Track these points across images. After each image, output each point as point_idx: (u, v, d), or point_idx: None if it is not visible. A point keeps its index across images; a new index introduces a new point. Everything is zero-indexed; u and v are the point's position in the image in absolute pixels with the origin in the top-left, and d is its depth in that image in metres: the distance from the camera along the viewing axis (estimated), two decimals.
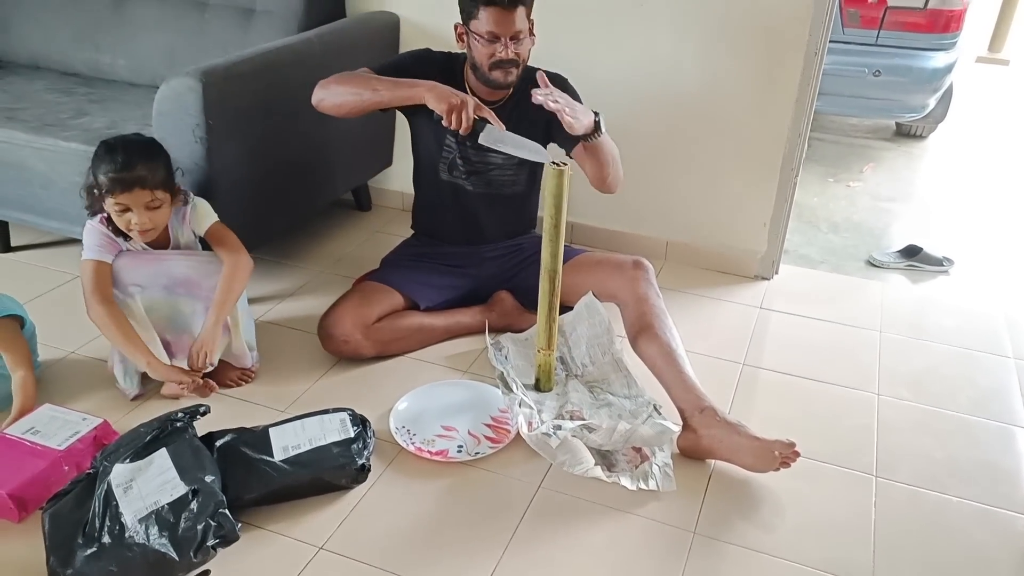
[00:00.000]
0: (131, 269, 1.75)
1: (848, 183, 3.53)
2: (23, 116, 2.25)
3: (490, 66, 1.83)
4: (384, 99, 1.81)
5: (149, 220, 1.70)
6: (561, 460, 1.62)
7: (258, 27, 2.43)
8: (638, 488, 1.59)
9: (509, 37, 1.78)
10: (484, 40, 1.79)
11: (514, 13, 1.77)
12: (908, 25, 3.52)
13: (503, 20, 1.77)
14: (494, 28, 1.77)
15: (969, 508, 1.62)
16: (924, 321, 2.29)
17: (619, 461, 1.67)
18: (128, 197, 1.67)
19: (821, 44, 2.13)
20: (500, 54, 1.80)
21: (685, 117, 2.36)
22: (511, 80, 1.86)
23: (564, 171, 1.61)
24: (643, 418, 1.70)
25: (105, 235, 1.75)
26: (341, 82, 1.84)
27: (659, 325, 1.82)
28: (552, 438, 1.59)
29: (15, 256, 2.46)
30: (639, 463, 1.65)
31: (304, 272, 2.41)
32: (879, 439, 1.80)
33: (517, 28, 1.78)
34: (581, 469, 1.60)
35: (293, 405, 1.83)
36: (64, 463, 1.57)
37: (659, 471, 1.62)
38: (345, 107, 1.85)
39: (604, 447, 1.66)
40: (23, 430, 1.62)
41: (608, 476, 1.60)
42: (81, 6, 2.67)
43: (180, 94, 1.88)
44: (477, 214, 2.08)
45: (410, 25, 2.53)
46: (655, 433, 1.64)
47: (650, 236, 2.54)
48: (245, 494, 1.51)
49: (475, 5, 1.77)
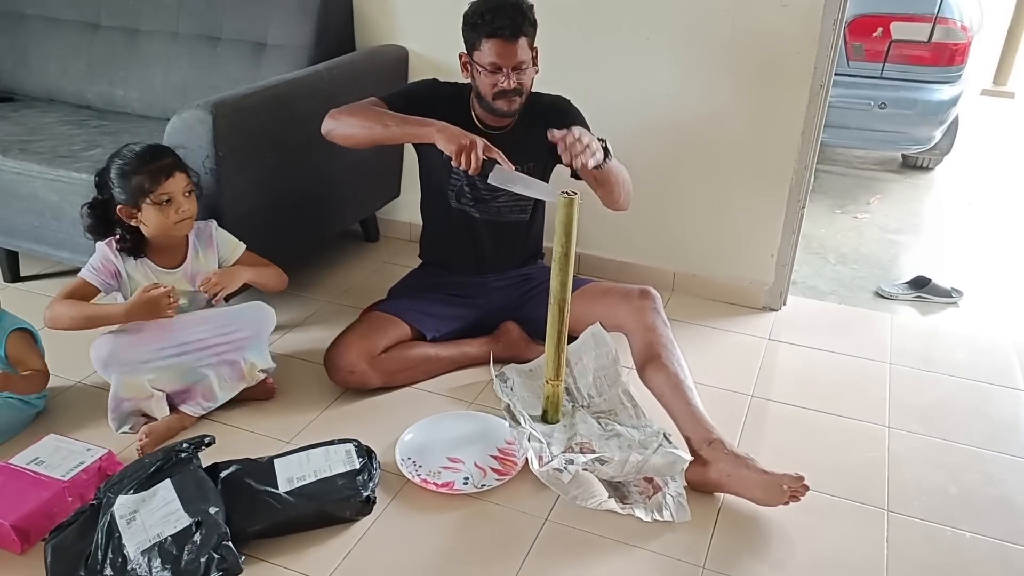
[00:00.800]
0: (140, 346, 1.76)
1: (855, 215, 3.53)
2: (37, 148, 2.28)
3: (494, 96, 1.85)
4: (394, 136, 1.83)
5: (190, 207, 1.77)
6: (574, 494, 1.60)
7: (269, 61, 2.46)
8: (652, 519, 1.57)
9: (512, 67, 1.80)
10: (487, 71, 1.81)
11: (516, 44, 1.79)
12: (913, 58, 3.54)
13: (505, 51, 1.79)
14: (496, 59, 1.79)
15: (984, 544, 1.59)
16: (934, 353, 2.27)
17: (631, 492, 1.65)
18: (172, 183, 1.73)
19: (826, 77, 2.15)
20: (503, 84, 1.82)
21: (692, 149, 2.37)
22: (515, 109, 1.88)
23: (574, 200, 1.61)
24: (654, 448, 1.68)
25: (107, 261, 1.79)
26: (352, 114, 1.86)
27: (667, 355, 1.81)
28: (564, 473, 1.58)
29: (24, 286, 2.47)
30: (652, 494, 1.63)
31: (312, 302, 2.42)
32: (890, 473, 1.77)
33: (519, 59, 1.80)
34: (594, 502, 1.58)
35: (298, 436, 1.82)
36: (68, 494, 1.56)
37: (673, 501, 1.60)
38: (354, 139, 1.86)
39: (616, 479, 1.64)
40: (27, 460, 1.62)
41: (622, 508, 1.58)
42: (96, 41, 2.73)
43: (191, 126, 1.90)
44: (484, 242, 2.08)
45: (418, 58, 2.56)
46: (667, 463, 1.62)
47: (657, 267, 2.54)
48: (249, 526, 1.50)
49: (478, 36, 1.80)
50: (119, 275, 1.80)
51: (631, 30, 2.28)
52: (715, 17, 2.20)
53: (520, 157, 1.90)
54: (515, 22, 1.78)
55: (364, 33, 2.60)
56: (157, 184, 1.72)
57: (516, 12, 1.78)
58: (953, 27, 3.49)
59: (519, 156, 1.90)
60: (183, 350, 1.80)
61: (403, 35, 2.57)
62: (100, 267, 1.79)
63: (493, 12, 1.77)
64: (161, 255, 1.84)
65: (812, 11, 2.09)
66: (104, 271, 1.79)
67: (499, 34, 1.77)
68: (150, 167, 1.72)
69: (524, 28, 1.79)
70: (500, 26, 1.77)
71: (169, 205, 1.74)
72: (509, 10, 1.78)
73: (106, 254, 1.80)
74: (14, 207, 2.25)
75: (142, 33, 2.67)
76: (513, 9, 1.78)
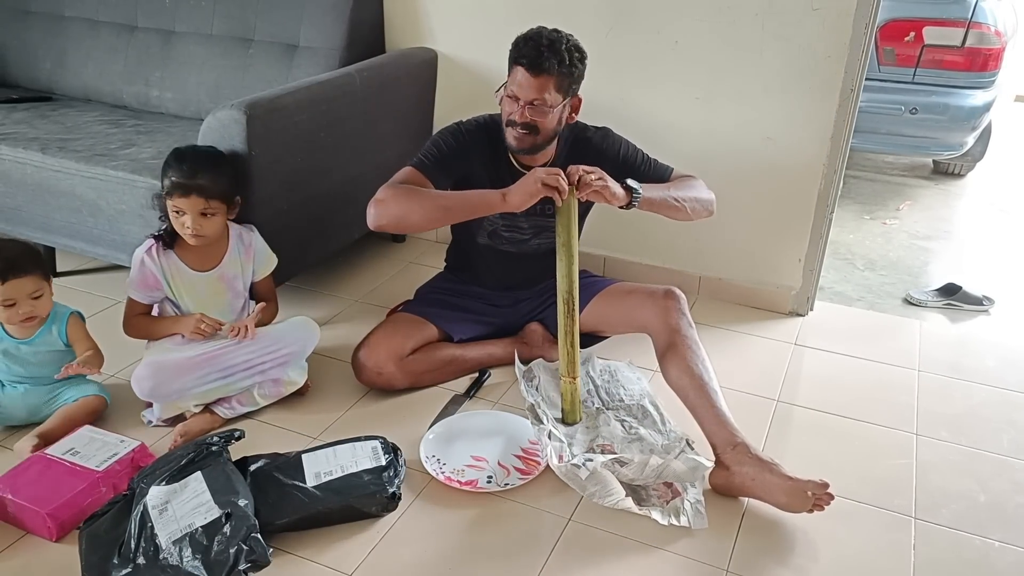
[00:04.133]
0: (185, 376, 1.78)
1: (884, 220, 3.50)
2: (75, 146, 2.33)
3: (506, 123, 1.82)
4: (459, 218, 1.84)
5: (201, 227, 1.79)
6: (591, 492, 1.60)
7: (301, 62, 2.50)
8: (669, 523, 1.57)
9: (527, 101, 1.76)
10: (508, 97, 1.79)
11: (537, 80, 1.73)
12: (945, 63, 3.51)
13: (525, 83, 1.74)
14: (515, 88, 1.76)
15: (1013, 554, 1.57)
16: (964, 361, 2.24)
17: (650, 496, 1.65)
18: (184, 202, 1.76)
19: (857, 82, 2.13)
20: (514, 115, 1.78)
21: (721, 152, 2.36)
22: (523, 147, 1.82)
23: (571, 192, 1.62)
24: (675, 453, 1.68)
25: (145, 276, 1.83)
26: (399, 200, 1.76)
27: (692, 356, 1.79)
28: (582, 469, 1.58)
29: (60, 281, 2.52)
30: (670, 499, 1.63)
31: (338, 301, 2.45)
32: (918, 480, 1.76)
33: (536, 96, 1.74)
34: (611, 501, 1.59)
35: (326, 432, 1.85)
36: (102, 484, 1.60)
37: (691, 507, 1.60)
38: (412, 227, 1.89)
39: (635, 481, 1.64)
40: (63, 451, 1.66)
41: (640, 509, 1.58)
42: (132, 43, 2.78)
43: (225, 125, 1.94)
44: (515, 271, 2.08)
45: (447, 60, 2.59)
46: (688, 469, 1.62)
47: (683, 270, 2.53)
48: (276, 519, 1.52)
49: (511, 61, 1.77)
50: (158, 281, 1.84)
51: (660, 34, 2.29)
52: (745, 20, 2.19)
53: None
54: (541, 56, 1.71)
55: (394, 36, 2.63)
56: (172, 196, 1.78)
57: (550, 49, 1.71)
58: (987, 32, 3.44)
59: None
60: (228, 372, 1.82)
61: (432, 38, 2.59)
62: (139, 282, 1.84)
63: (528, 40, 1.73)
64: (193, 257, 1.87)
65: (843, 15, 2.08)
66: (143, 285, 1.84)
67: (522, 62, 1.73)
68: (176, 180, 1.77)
69: (550, 67, 1.71)
70: (525, 55, 1.72)
71: (181, 217, 1.78)
72: (542, 43, 1.72)
73: (141, 268, 1.83)
74: (52, 204, 2.31)
75: (177, 35, 2.72)
76: (548, 45, 1.71)
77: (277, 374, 1.88)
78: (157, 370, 1.78)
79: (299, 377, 1.93)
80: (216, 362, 1.81)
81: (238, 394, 1.87)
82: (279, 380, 1.90)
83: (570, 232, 1.66)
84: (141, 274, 1.84)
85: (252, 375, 1.85)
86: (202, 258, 1.87)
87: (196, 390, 1.80)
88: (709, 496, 1.66)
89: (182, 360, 1.79)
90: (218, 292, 1.90)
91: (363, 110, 2.31)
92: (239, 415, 1.88)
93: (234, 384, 1.84)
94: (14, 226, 2.42)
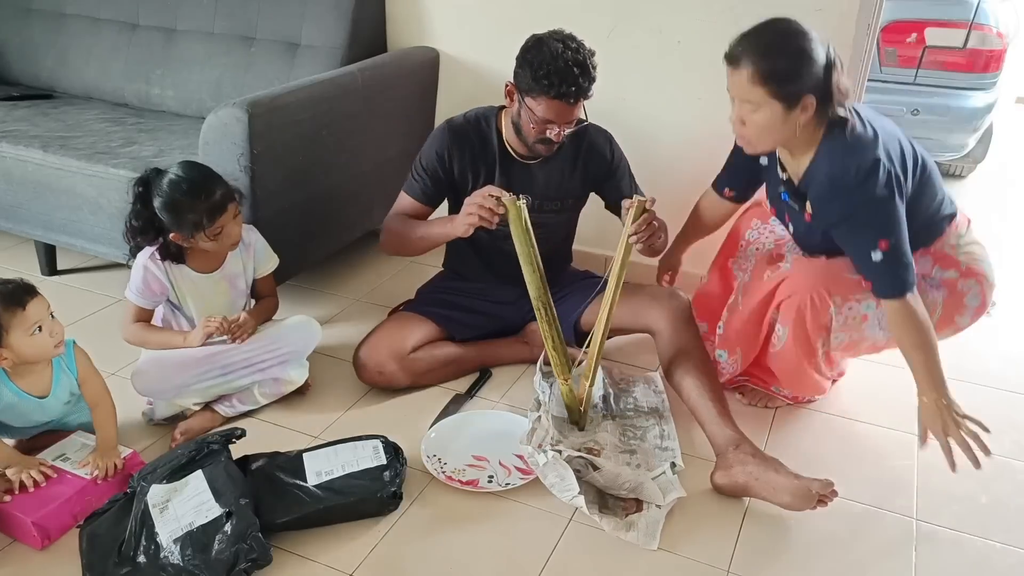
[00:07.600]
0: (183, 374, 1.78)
1: None
2: (76, 144, 2.33)
3: (536, 140, 1.81)
4: (434, 245, 1.91)
5: (237, 231, 1.79)
6: (551, 483, 1.60)
7: (302, 61, 2.50)
8: (616, 535, 1.54)
9: (565, 123, 1.77)
10: (538, 121, 1.76)
11: (576, 106, 1.74)
12: (947, 64, 3.50)
13: (564, 112, 1.74)
14: (553, 117, 1.74)
15: (1014, 555, 1.57)
16: (966, 363, 2.24)
17: (615, 506, 1.63)
18: (224, 217, 1.74)
19: (860, 83, 2.13)
20: (551, 135, 1.78)
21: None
22: (552, 151, 1.86)
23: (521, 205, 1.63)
24: (656, 473, 1.65)
25: (149, 281, 1.79)
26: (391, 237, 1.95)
27: (695, 357, 1.80)
28: (540, 455, 1.58)
29: (60, 279, 2.53)
30: (631, 511, 1.61)
31: (339, 300, 2.44)
32: (919, 481, 1.75)
33: (575, 116, 1.76)
34: (568, 496, 1.58)
35: (327, 431, 1.84)
36: (90, 492, 1.57)
37: (645, 525, 1.57)
38: (408, 253, 2.00)
39: (609, 489, 1.64)
40: (53, 457, 1.63)
41: (590, 511, 1.56)
42: (134, 41, 2.78)
43: (227, 124, 1.93)
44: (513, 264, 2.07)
45: (449, 59, 2.58)
46: (660, 491, 1.60)
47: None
48: (277, 518, 1.52)
49: (539, 90, 1.70)
50: (163, 286, 1.82)
51: (663, 34, 2.28)
52: (748, 20, 2.18)
53: (555, 191, 1.90)
54: (580, 88, 1.70)
55: (396, 35, 2.62)
56: (213, 221, 1.72)
57: (584, 75, 1.70)
58: (989, 33, 3.44)
59: (552, 189, 1.90)
60: (228, 370, 1.82)
61: (434, 37, 2.59)
62: (143, 288, 1.80)
63: (561, 75, 1.67)
64: (199, 261, 1.85)
65: (846, 15, 2.07)
66: (147, 291, 1.80)
67: (562, 98, 1.70)
68: (206, 204, 1.70)
69: (588, 91, 1.72)
70: (565, 93, 1.69)
71: (222, 234, 1.76)
72: (577, 74, 1.68)
73: (145, 275, 1.79)
74: (52, 201, 2.30)
75: (179, 33, 2.72)
76: (581, 72, 1.69)
77: (278, 373, 1.88)
78: (157, 367, 1.77)
79: (300, 376, 1.92)
80: (216, 359, 1.80)
81: (239, 392, 1.86)
82: (280, 379, 1.89)
83: (525, 244, 1.66)
84: (145, 280, 1.80)
85: (252, 373, 1.84)
86: (208, 260, 1.86)
87: (196, 387, 1.80)
88: (712, 494, 1.66)
89: (182, 357, 1.78)
90: (221, 292, 1.89)
91: (365, 109, 2.30)
92: (240, 414, 1.88)
93: (234, 382, 1.83)
94: (15, 224, 2.42)
